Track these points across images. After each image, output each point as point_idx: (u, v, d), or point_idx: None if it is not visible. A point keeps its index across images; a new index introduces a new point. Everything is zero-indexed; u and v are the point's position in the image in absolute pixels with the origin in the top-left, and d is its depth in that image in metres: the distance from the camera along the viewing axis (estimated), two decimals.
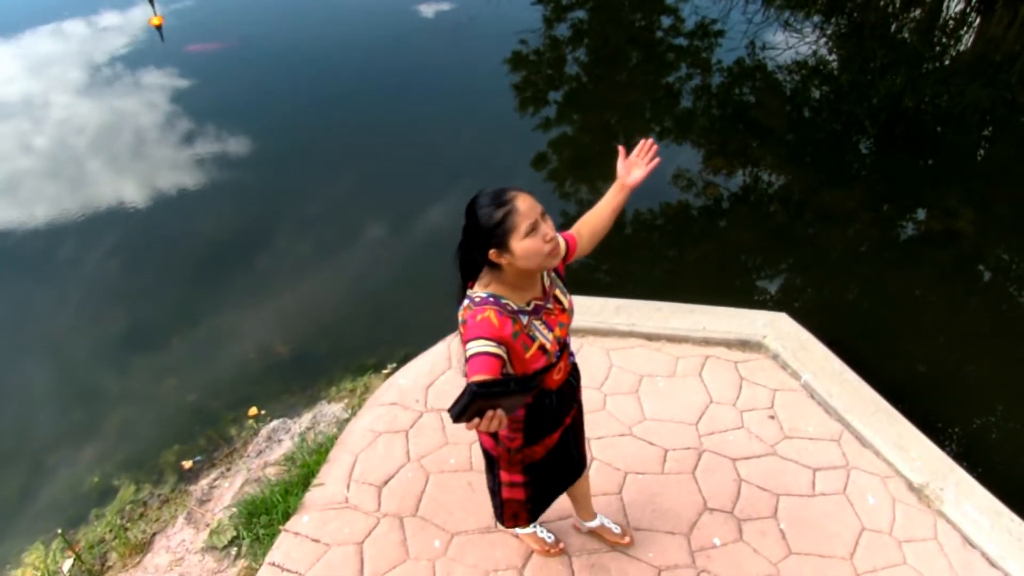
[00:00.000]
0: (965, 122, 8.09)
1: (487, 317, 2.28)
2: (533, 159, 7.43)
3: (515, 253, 2.24)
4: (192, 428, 4.65)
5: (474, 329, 2.28)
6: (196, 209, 6.55)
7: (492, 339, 2.26)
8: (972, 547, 3.60)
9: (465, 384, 1.94)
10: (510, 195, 2.24)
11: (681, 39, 9.78)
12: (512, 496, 2.96)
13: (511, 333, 2.32)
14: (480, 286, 2.38)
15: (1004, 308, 5.90)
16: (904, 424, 4.07)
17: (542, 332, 2.43)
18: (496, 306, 2.32)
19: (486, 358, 2.23)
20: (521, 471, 2.84)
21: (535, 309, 2.43)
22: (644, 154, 2.68)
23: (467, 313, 2.33)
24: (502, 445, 2.74)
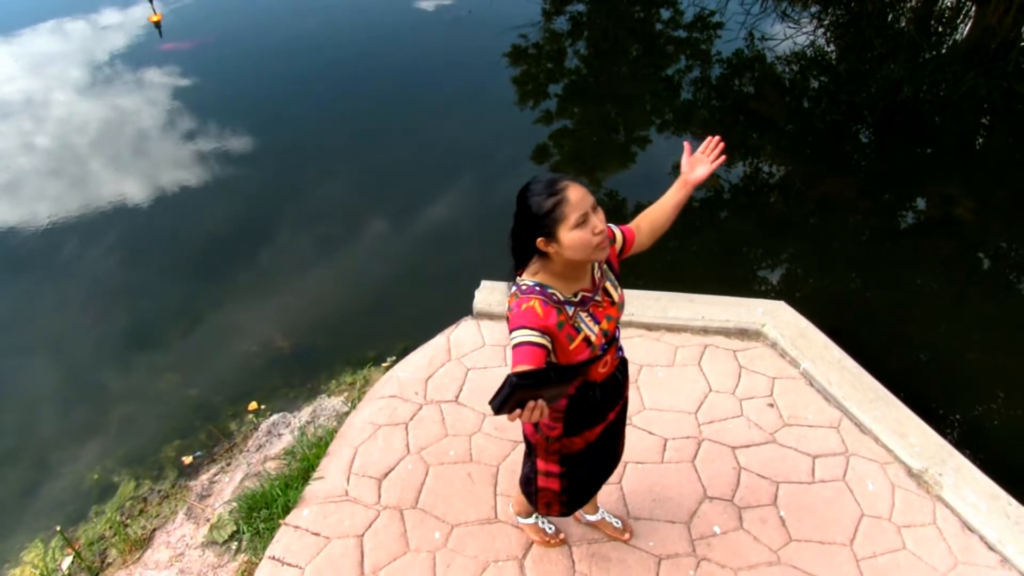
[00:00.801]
0: (963, 111, 8.08)
1: (531, 306, 2.27)
2: (533, 152, 7.42)
3: (563, 243, 2.23)
4: (192, 423, 4.65)
5: (518, 318, 2.26)
6: (195, 205, 6.55)
7: (536, 329, 2.25)
8: (971, 531, 3.60)
9: (506, 375, 1.93)
10: (562, 184, 2.22)
11: (680, 31, 9.77)
12: (547, 485, 2.94)
13: (555, 323, 2.30)
14: (528, 274, 2.38)
15: (1003, 295, 5.89)
16: (903, 410, 4.07)
17: (588, 324, 2.40)
18: (541, 295, 2.30)
19: (529, 348, 2.22)
20: (558, 461, 2.82)
21: (582, 300, 2.41)
22: (710, 151, 2.64)
23: (513, 301, 2.32)
24: (541, 433, 2.73)
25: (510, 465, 3.87)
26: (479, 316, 4.71)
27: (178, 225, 6.33)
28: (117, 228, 6.30)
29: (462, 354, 4.47)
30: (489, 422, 4.08)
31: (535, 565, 3.48)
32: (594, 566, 3.48)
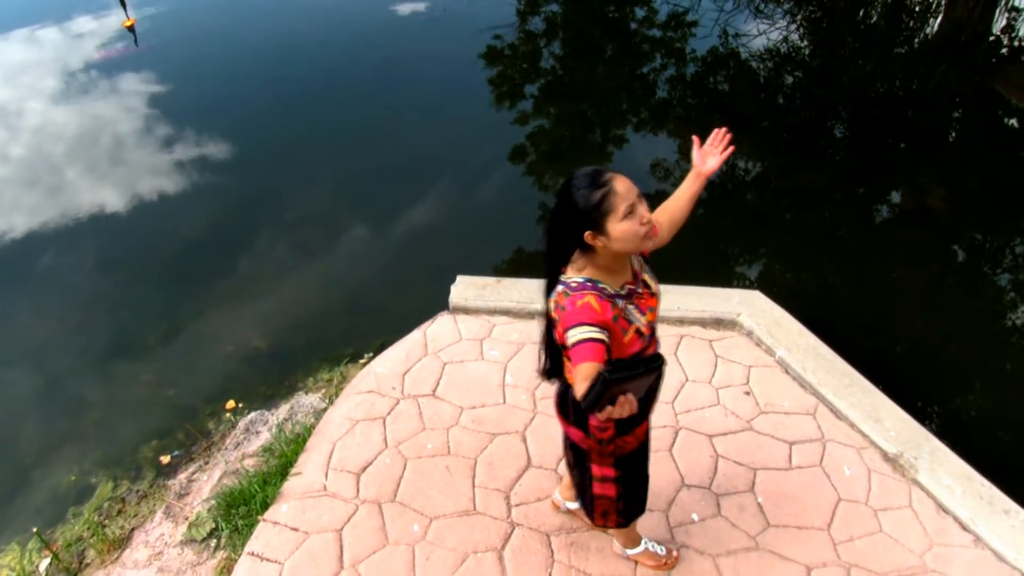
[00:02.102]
0: (935, 104, 8.16)
1: (587, 302, 2.25)
2: (511, 153, 7.43)
3: (612, 235, 2.21)
4: (170, 423, 4.63)
5: (576, 315, 2.23)
6: (170, 209, 6.52)
7: (595, 324, 2.22)
8: (945, 513, 3.64)
9: (596, 372, 1.94)
10: (608, 176, 2.20)
11: (655, 30, 9.83)
12: (603, 492, 2.88)
13: (612, 317, 2.29)
14: (574, 271, 2.35)
15: (975, 284, 5.96)
16: (878, 396, 4.10)
17: (636, 316, 2.40)
18: (594, 290, 2.28)
19: (592, 344, 2.19)
20: (613, 464, 2.77)
21: (628, 293, 2.40)
22: (719, 143, 2.65)
23: (564, 300, 2.28)
24: (592, 437, 2.67)
25: (487, 457, 3.88)
26: (455, 311, 4.72)
27: (152, 229, 6.29)
28: (91, 233, 6.25)
29: (439, 348, 4.48)
30: (467, 415, 4.09)
31: (514, 556, 3.48)
32: (573, 555, 3.48)
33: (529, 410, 4.11)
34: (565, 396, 2.68)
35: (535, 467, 3.84)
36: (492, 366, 4.36)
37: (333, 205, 6.54)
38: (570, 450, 2.89)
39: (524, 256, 5.96)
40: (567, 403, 2.68)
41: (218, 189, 6.78)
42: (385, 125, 7.66)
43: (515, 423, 4.04)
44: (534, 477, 3.79)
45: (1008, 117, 7.90)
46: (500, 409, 4.12)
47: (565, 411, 2.72)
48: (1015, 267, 6.09)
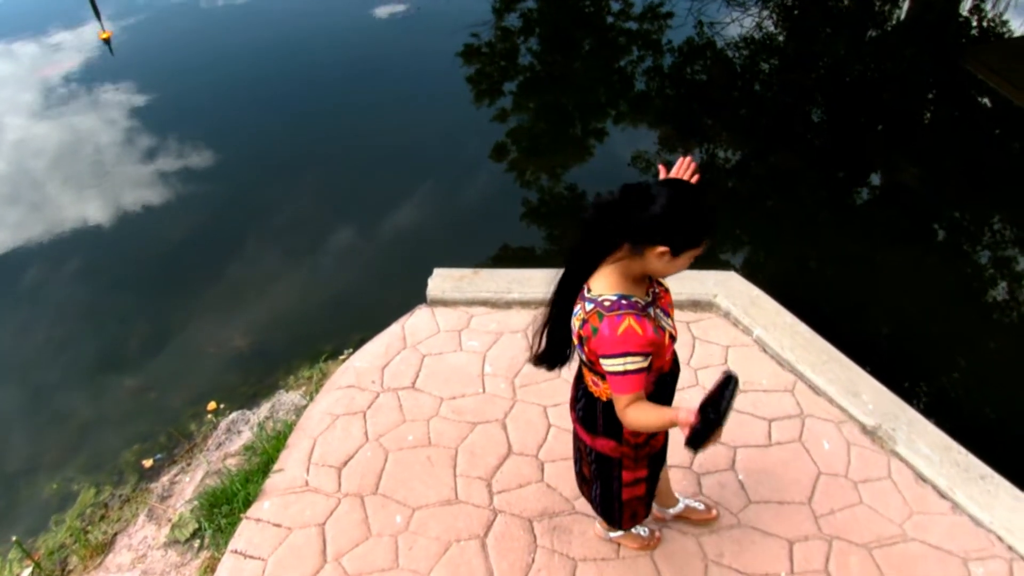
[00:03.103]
0: (908, 85, 8.20)
1: (629, 327, 2.19)
2: (492, 150, 7.43)
3: (679, 260, 2.19)
4: (152, 427, 4.62)
5: (620, 344, 2.18)
6: (149, 212, 6.51)
7: (640, 353, 2.20)
8: (924, 482, 3.66)
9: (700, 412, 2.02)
10: (714, 211, 2.21)
11: (631, 23, 9.83)
12: (633, 494, 2.85)
13: (652, 331, 2.24)
14: (603, 286, 2.25)
15: (949, 260, 5.99)
16: (856, 370, 4.12)
17: (665, 320, 2.37)
18: (631, 310, 2.21)
19: (637, 377, 2.21)
20: (647, 465, 2.75)
21: (653, 298, 2.37)
22: (683, 171, 2.60)
23: (599, 322, 2.21)
24: (627, 443, 2.62)
25: (468, 447, 3.89)
26: (433, 303, 4.73)
27: (130, 235, 6.28)
28: (68, 241, 6.24)
29: (417, 341, 4.48)
30: (447, 406, 4.10)
31: (497, 543, 3.48)
32: (556, 539, 3.49)
33: (509, 398, 4.11)
34: (592, 410, 2.62)
35: (516, 454, 3.85)
36: (471, 356, 4.37)
37: (311, 205, 6.54)
38: (592, 463, 2.82)
39: (501, 249, 5.98)
40: (594, 415, 2.62)
41: (196, 192, 6.77)
42: (362, 125, 7.67)
43: (495, 411, 4.05)
44: (515, 464, 3.80)
45: (980, 96, 7.94)
46: (480, 398, 4.13)
47: (592, 424, 2.66)
48: (989, 244, 6.13)
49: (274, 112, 7.96)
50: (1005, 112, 7.60)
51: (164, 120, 7.83)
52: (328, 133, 7.56)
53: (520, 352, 4.36)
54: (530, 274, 4.82)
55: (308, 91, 8.33)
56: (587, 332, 2.25)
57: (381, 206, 6.46)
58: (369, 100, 8.09)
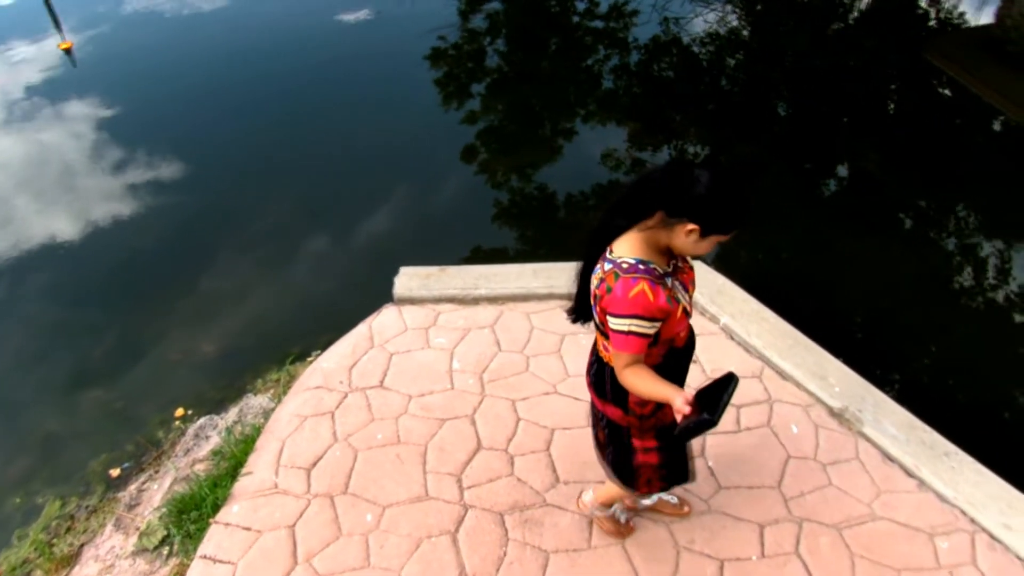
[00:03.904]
0: (870, 76, 8.28)
1: (641, 291, 2.24)
2: (462, 152, 7.42)
3: (704, 242, 2.24)
4: (119, 436, 4.56)
5: (627, 305, 2.24)
6: (113, 220, 6.44)
7: (648, 318, 2.26)
8: (891, 461, 3.69)
9: (704, 417, 2.12)
10: (752, 205, 2.22)
11: (597, 21, 9.86)
12: (646, 460, 2.84)
13: (665, 299, 2.28)
14: (625, 249, 2.31)
15: (912, 245, 6.07)
16: (822, 354, 4.15)
17: (682, 294, 2.40)
18: (647, 275, 2.26)
19: (639, 340, 2.27)
20: (654, 436, 2.75)
21: (674, 269, 2.41)
22: None
23: (614, 281, 2.27)
24: (632, 413, 2.66)
25: (438, 443, 3.87)
26: (400, 302, 4.71)
27: (94, 244, 6.20)
28: (31, 253, 6.16)
29: (385, 340, 4.46)
30: (415, 403, 4.08)
31: (468, 537, 3.47)
32: (527, 532, 3.48)
33: (477, 394, 4.10)
34: (602, 375, 2.66)
35: (486, 449, 3.84)
36: (439, 353, 4.35)
37: (277, 209, 6.49)
38: (605, 428, 2.85)
39: (473, 251, 5.98)
40: (603, 381, 2.66)
41: (160, 200, 6.69)
42: (329, 130, 7.63)
43: (464, 407, 4.04)
44: (485, 459, 3.79)
45: (941, 86, 8.04)
46: (448, 395, 4.11)
47: (602, 389, 2.70)
48: (951, 230, 6.20)
49: (240, 119, 7.90)
50: (964, 100, 7.69)
51: (128, 129, 7.75)
52: (294, 139, 7.51)
53: (488, 347, 4.35)
54: (497, 270, 4.81)
55: (274, 97, 8.28)
56: (602, 291, 2.32)
57: (349, 209, 6.44)
58: (336, 105, 8.05)
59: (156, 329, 5.33)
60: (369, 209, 6.44)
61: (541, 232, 6.47)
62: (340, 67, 8.81)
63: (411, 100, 8.36)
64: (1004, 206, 6.41)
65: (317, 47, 9.24)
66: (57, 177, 7.15)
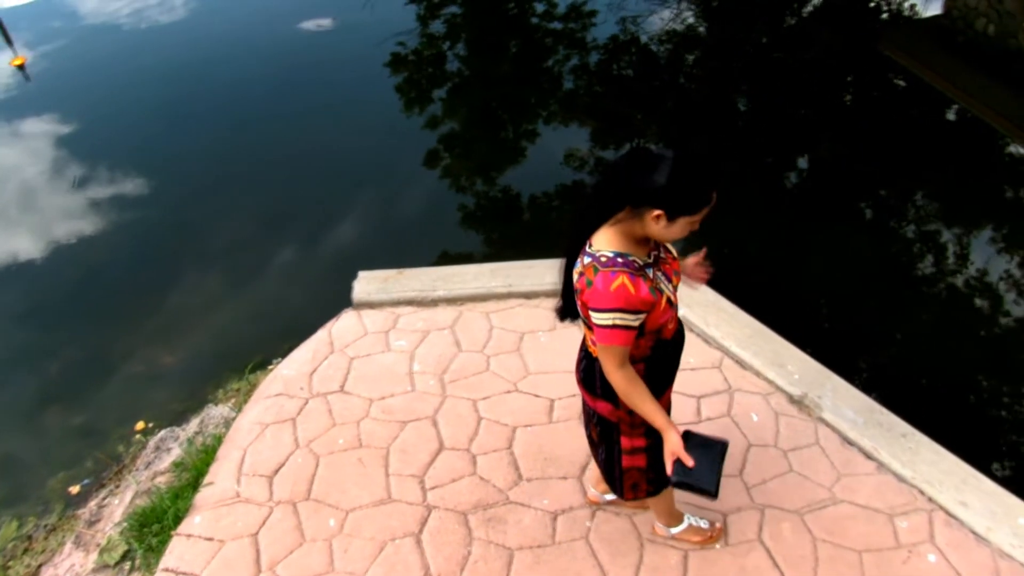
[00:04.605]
0: (826, 69, 8.38)
1: (622, 284, 2.22)
2: (425, 157, 7.41)
3: (672, 228, 2.22)
4: (79, 452, 4.50)
5: (609, 299, 2.22)
6: (69, 235, 6.37)
7: (631, 310, 2.24)
8: (850, 445, 3.72)
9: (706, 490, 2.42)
10: (716, 185, 2.18)
11: (556, 23, 9.89)
12: (632, 464, 2.82)
13: (648, 291, 2.27)
14: (604, 243, 2.30)
15: (864, 232, 6.14)
16: (780, 342, 4.18)
17: (665, 284, 2.39)
18: (626, 268, 2.24)
19: (624, 332, 2.26)
20: (643, 434, 2.71)
21: (655, 260, 2.39)
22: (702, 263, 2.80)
23: (594, 275, 2.26)
24: (623, 408, 2.61)
25: (400, 446, 3.86)
26: (359, 306, 4.69)
27: (49, 259, 6.14)
28: None
29: (344, 345, 4.45)
30: (376, 407, 4.07)
31: (432, 538, 3.46)
32: (491, 530, 3.48)
33: (438, 395, 4.10)
34: (591, 370, 2.63)
35: (448, 449, 3.83)
36: (399, 356, 4.34)
37: (236, 220, 6.45)
38: (596, 425, 2.82)
39: (440, 257, 5.96)
40: (593, 376, 2.63)
41: (117, 213, 6.62)
42: (290, 139, 7.59)
43: (425, 409, 4.03)
44: (447, 459, 3.79)
45: (896, 76, 8.14)
46: (409, 397, 4.10)
47: (591, 385, 2.67)
48: (906, 218, 6.29)
49: (199, 130, 7.84)
50: (917, 90, 7.80)
51: (85, 144, 7.67)
52: (254, 149, 7.47)
53: (448, 348, 4.35)
54: (455, 270, 4.82)
55: (234, 108, 8.23)
56: (582, 285, 2.31)
57: (310, 217, 6.41)
58: (296, 114, 8.01)
59: (115, 343, 5.28)
60: (330, 217, 6.41)
61: (505, 234, 6.47)
62: (300, 76, 8.76)
63: (372, 107, 8.34)
64: (958, 193, 6.50)
65: (277, 56, 9.19)
66: (12, 195, 7.06)
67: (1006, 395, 4.76)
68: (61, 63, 9.45)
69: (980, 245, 5.91)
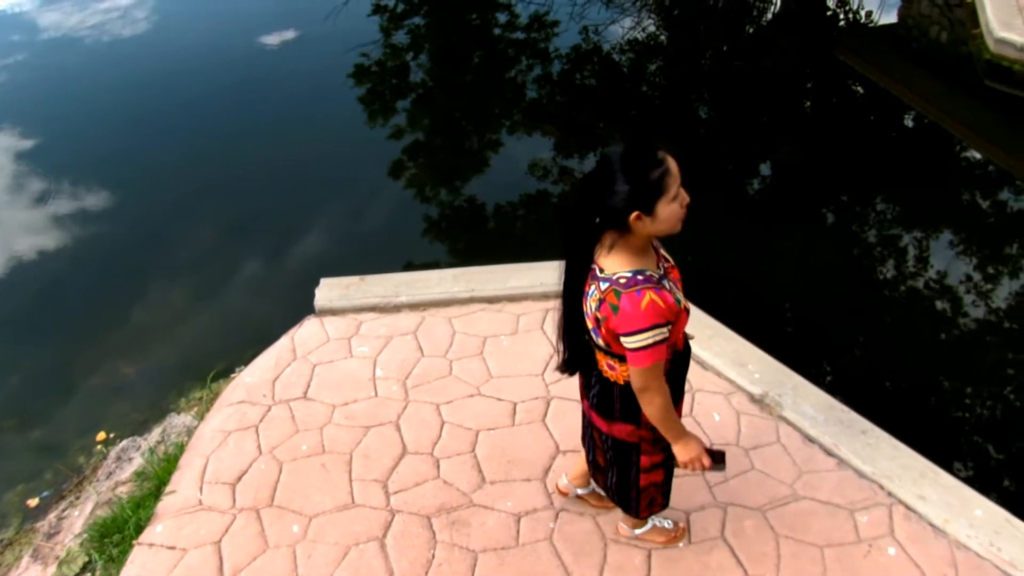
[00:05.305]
0: (786, 75, 8.51)
1: (651, 301, 2.15)
2: (390, 168, 7.40)
3: (659, 217, 2.13)
4: (37, 465, 4.43)
5: (641, 318, 2.15)
6: (26, 244, 6.29)
7: (664, 323, 2.18)
8: (811, 442, 3.76)
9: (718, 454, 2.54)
10: (661, 153, 2.09)
11: (518, 33, 9.96)
12: (651, 480, 2.80)
13: (674, 302, 2.23)
14: (614, 263, 2.22)
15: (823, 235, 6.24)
16: (740, 342, 4.22)
17: (679, 293, 2.34)
18: (649, 283, 2.18)
19: (662, 348, 2.20)
20: (662, 448, 2.66)
21: (664, 272, 2.34)
22: None
23: (618, 300, 2.18)
24: (645, 427, 2.56)
25: (363, 450, 3.85)
26: (322, 313, 4.68)
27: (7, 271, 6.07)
28: None
29: (307, 351, 4.43)
30: (339, 412, 4.05)
31: (396, 542, 3.45)
32: (455, 533, 3.47)
33: (401, 400, 4.09)
34: (607, 395, 2.56)
35: (411, 453, 3.82)
36: (361, 362, 4.33)
37: (198, 229, 6.41)
38: (610, 450, 2.76)
39: (406, 266, 5.95)
40: (611, 400, 2.56)
41: (75, 223, 6.56)
42: (254, 151, 7.54)
43: (388, 414, 4.02)
44: (411, 463, 3.78)
45: (853, 83, 8.29)
46: (372, 402, 4.09)
47: (609, 410, 2.60)
48: (869, 219, 6.38)
49: (162, 143, 7.75)
50: (874, 95, 7.94)
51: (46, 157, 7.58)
52: (217, 162, 7.41)
53: (411, 353, 4.35)
54: (417, 276, 4.82)
55: (197, 121, 8.16)
56: (605, 312, 2.22)
57: (274, 227, 6.39)
58: (260, 126, 7.98)
59: (77, 355, 5.22)
60: (294, 227, 6.39)
61: (471, 243, 6.49)
62: (264, 88, 8.74)
63: (336, 118, 8.35)
64: (915, 195, 6.61)
65: (240, 69, 9.16)
66: None
67: (962, 392, 4.85)
68: (21, 76, 9.33)
69: (936, 246, 6.02)
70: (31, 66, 9.58)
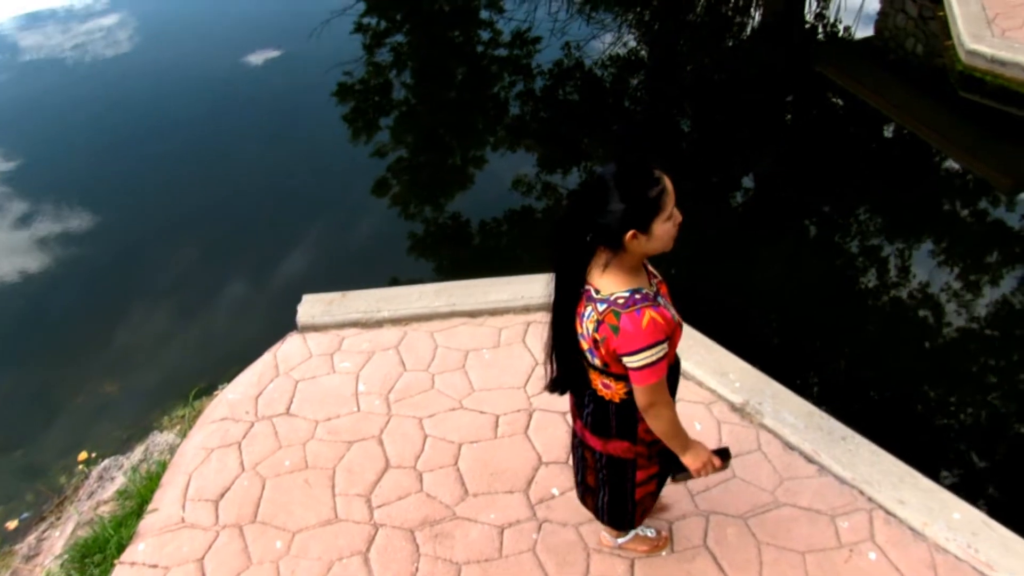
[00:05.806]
0: (766, 87, 8.59)
1: (652, 319, 2.16)
2: (374, 186, 7.41)
3: (654, 235, 2.13)
4: (18, 486, 4.41)
5: (643, 336, 2.16)
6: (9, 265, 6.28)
7: (664, 340, 2.20)
8: (791, 449, 3.78)
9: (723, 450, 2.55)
10: (658, 172, 2.09)
11: (501, 49, 10.00)
12: (645, 492, 2.82)
13: (672, 318, 2.25)
14: (609, 283, 2.22)
15: (804, 245, 6.29)
16: (720, 351, 4.25)
17: (673, 310, 2.34)
18: (647, 302, 2.18)
19: (664, 364, 2.22)
20: (657, 461, 2.69)
21: (657, 289, 2.34)
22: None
23: (618, 320, 2.17)
24: (642, 442, 2.58)
25: (346, 465, 3.85)
26: (304, 329, 4.69)
27: None
28: None
29: (290, 368, 4.43)
30: (322, 428, 4.05)
31: (380, 556, 3.45)
32: (438, 546, 3.48)
33: (384, 414, 4.10)
34: (603, 413, 2.55)
35: (394, 467, 3.83)
36: (344, 377, 4.34)
37: (181, 248, 6.40)
38: (604, 468, 2.74)
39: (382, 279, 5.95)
40: (607, 418, 2.56)
41: (56, 243, 6.54)
42: (237, 170, 7.55)
43: (371, 428, 4.03)
44: (394, 477, 3.78)
45: (832, 95, 8.37)
46: (355, 417, 4.10)
47: (605, 428, 2.59)
48: (848, 229, 6.43)
49: (144, 162, 7.74)
50: (853, 106, 8.02)
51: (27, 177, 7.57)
52: (200, 181, 7.40)
53: (393, 368, 4.36)
54: (398, 291, 4.84)
55: (179, 140, 8.14)
56: (604, 333, 2.21)
57: (257, 246, 6.39)
58: (243, 145, 7.98)
59: (58, 374, 5.19)
60: (277, 245, 6.38)
61: (454, 259, 6.50)
62: (247, 107, 8.74)
63: (320, 136, 8.34)
64: (894, 205, 6.67)
65: (223, 89, 9.15)
66: None
67: (940, 398, 4.88)
68: (1, 97, 9.32)
69: (913, 255, 6.06)
70: (12, 85, 9.56)
